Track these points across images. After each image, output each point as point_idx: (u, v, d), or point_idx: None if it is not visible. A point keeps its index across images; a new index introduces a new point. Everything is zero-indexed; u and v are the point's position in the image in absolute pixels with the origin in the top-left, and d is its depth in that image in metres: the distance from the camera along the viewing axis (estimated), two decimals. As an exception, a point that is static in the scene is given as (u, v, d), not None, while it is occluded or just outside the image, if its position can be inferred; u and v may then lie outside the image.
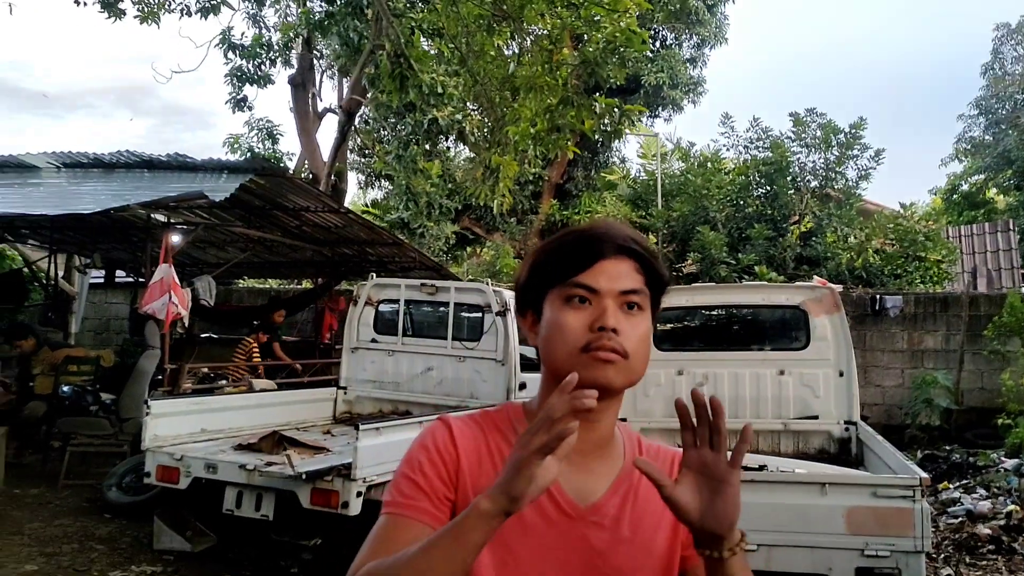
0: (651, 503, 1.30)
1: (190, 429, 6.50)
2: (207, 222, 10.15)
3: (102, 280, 14.47)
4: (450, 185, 18.10)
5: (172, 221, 9.16)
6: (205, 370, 10.25)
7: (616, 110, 8.92)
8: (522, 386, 7.58)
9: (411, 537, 1.17)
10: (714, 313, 7.38)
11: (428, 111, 10.77)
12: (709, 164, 16.86)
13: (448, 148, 19.48)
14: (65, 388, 8.82)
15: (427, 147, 17.33)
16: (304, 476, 5.31)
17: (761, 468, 5.29)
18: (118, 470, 7.52)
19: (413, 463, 1.28)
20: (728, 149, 17.14)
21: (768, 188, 15.42)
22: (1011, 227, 17.10)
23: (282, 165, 16.04)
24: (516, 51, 10.14)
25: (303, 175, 16.42)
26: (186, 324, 9.38)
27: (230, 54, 15.26)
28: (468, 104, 10.10)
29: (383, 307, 8.47)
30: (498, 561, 1.24)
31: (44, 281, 13.10)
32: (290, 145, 29.43)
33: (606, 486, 1.34)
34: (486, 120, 10.14)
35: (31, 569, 5.74)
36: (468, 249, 22.88)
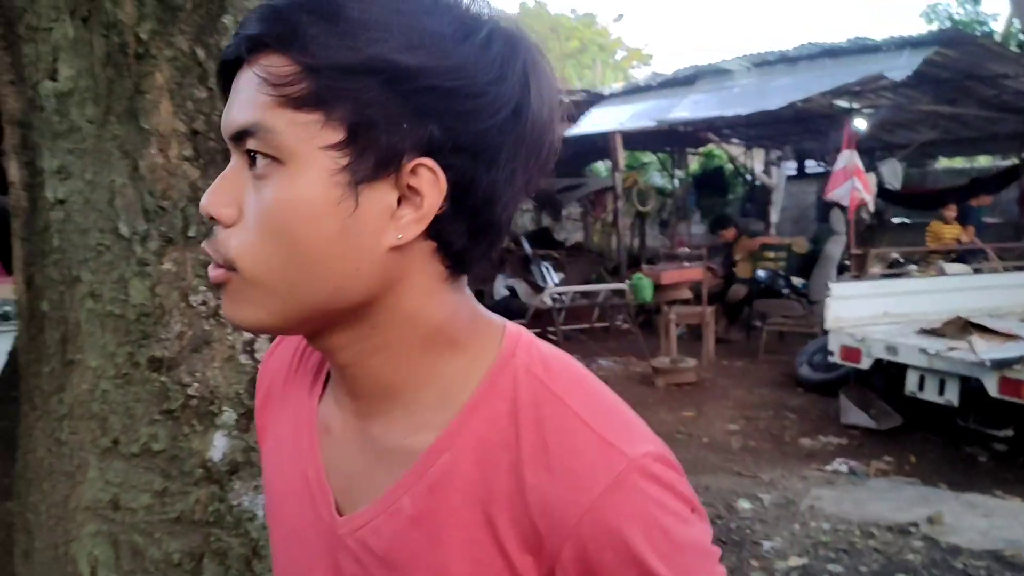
0: (458, 530, 0.66)
1: (872, 312, 6.58)
2: (890, 103, 9.83)
3: (795, 172, 15.15)
4: None
5: (854, 107, 9.13)
6: (895, 255, 10.07)
7: None
8: None
9: None
10: None
11: None
12: None
13: None
14: (761, 273, 9.64)
15: None
16: (989, 363, 5.01)
17: None
18: (808, 348, 7.98)
19: None
20: None
21: None
22: None
23: (983, 30, 14.42)
24: None
25: (1015, 36, 14.52)
26: (871, 210, 9.36)
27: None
28: None
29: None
30: None
31: (744, 175, 14.34)
32: (995, 6, 26.19)
33: (394, 480, 0.70)
34: None
35: (733, 428, 6.57)
36: None
